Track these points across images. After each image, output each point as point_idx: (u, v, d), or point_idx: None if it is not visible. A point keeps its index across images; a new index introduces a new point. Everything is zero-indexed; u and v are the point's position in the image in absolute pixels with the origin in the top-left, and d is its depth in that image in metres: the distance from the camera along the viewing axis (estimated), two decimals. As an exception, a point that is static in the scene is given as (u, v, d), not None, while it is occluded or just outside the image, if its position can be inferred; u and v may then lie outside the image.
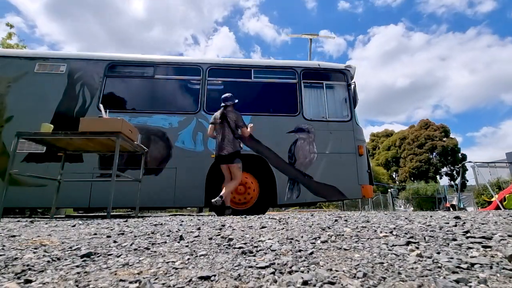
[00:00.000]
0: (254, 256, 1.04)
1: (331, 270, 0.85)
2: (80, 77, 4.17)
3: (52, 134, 2.84)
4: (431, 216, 2.08)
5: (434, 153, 31.02)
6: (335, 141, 4.15)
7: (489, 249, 1.03)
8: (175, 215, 4.88)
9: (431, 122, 33.00)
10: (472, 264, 0.87)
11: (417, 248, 1.07)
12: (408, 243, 1.13)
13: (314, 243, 1.22)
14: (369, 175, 4.23)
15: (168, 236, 1.45)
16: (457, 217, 1.90)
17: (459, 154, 31.15)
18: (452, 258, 0.92)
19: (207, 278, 0.80)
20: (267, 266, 0.89)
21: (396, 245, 1.11)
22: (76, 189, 3.67)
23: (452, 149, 30.69)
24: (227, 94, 3.73)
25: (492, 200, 9.15)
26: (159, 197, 3.79)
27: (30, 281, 0.79)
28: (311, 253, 1.05)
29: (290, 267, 0.88)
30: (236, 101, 3.72)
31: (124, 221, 2.23)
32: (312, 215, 2.42)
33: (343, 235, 1.33)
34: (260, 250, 1.12)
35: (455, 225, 1.51)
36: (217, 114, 3.68)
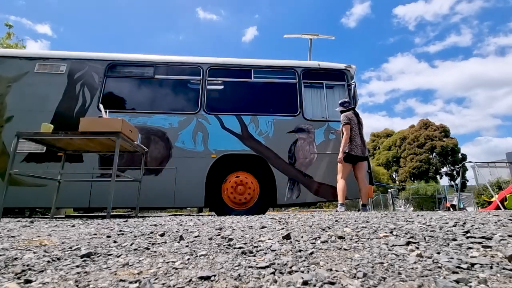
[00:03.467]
0: (254, 256, 1.04)
1: (331, 270, 0.85)
2: (80, 77, 4.17)
3: (52, 134, 2.84)
4: (431, 218, 2.08)
5: (434, 153, 31.01)
6: (335, 141, 4.15)
7: (489, 249, 1.03)
8: (175, 215, 4.88)
9: (431, 122, 32.98)
10: (472, 264, 0.87)
11: (417, 248, 1.07)
12: (408, 243, 1.13)
13: (314, 243, 1.22)
14: (369, 175, 4.22)
15: (168, 236, 1.45)
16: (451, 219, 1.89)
17: (459, 154, 31.16)
18: (452, 258, 0.92)
19: (207, 278, 0.80)
20: (267, 266, 0.89)
21: (396, 245, 1.11)
22: (76, 189, 3.67)
23: (452, 149, 30.69)
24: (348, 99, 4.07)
25: (492, 200, 9.14)
26: (159, 197, 3.79)
27: (30, 281, 0.79)
28: (311, 253, 1.05)
29: (290, 267, 0.88)
30: None
31: (124, 221, 2.23)
32: (312, 215, 2.41)
33: (343, 235, 1.33)
34: (260, 250, 1.12)
35: (455, 225, 1.51)
36: (352, 116, 3.84)
